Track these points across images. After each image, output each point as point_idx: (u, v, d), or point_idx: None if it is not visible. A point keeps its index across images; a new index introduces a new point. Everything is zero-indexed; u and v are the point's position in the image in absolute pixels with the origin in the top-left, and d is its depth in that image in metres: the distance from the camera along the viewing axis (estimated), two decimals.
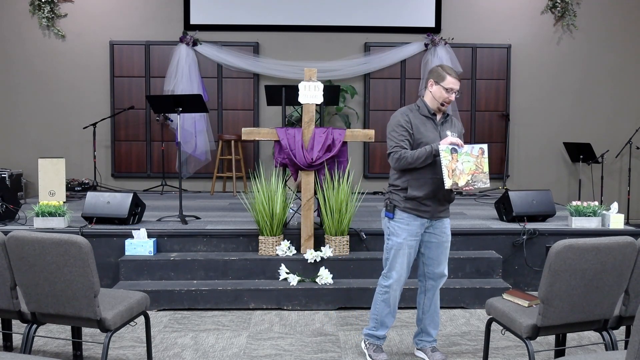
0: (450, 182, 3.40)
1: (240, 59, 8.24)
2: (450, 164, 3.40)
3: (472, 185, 3.45)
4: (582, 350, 3.88)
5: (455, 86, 3.54)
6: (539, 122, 8.53)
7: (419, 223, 3.56)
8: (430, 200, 3.53)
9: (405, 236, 3.56)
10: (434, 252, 3.65)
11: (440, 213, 3.60)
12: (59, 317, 3.15)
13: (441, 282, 3.75)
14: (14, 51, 8.26)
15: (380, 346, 3.75)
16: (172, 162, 8.22)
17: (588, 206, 5.34)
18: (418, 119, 3.56)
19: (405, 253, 3.58)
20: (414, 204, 3.54)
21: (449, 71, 3.55)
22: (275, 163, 5.07)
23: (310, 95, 4.86)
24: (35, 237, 3.00)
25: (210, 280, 4.89)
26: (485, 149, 3.50)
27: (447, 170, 3.39)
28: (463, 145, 3.43)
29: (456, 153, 3.43)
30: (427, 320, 3.77)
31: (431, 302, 3.75)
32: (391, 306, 3.67)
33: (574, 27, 8.47)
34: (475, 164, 3.46)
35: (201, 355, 3.82)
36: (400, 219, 3.58)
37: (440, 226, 3.63)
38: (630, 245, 2.98)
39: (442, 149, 3.39)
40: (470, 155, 3.45)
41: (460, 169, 3.42)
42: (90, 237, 4.89)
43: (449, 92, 3.53)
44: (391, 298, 3.65)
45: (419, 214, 3.55)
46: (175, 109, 5.80)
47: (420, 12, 8.44)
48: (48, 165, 6.40)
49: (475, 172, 3.45)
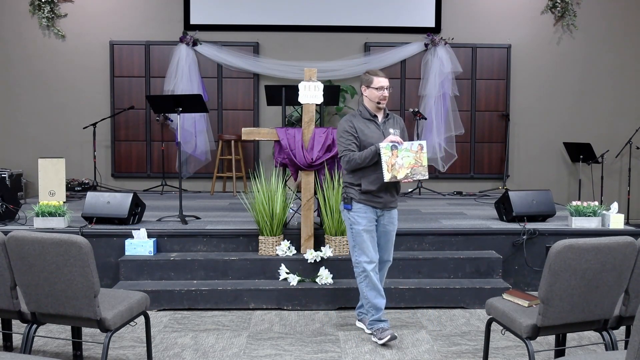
0: (389, 175, 3.83)
1: (240, 59, 8.24)
2: (390, 159, 3.82)
3: (411, 178, 3.88)
4: (582, 350, 3.88)
5: (384, 83, 3.95)
6: (539, 122, 8.53)
7: (373, 212, 4.01)
8: (383, 192, 3.97)
9: (365, 223, 3.98)
10: (382, 240, 4.10)
11: (391, 204, 4.05)
12: (59, 317, 3.15)
13: (386, 267, 4.23)
14: (14, 51, 8.26)
15: (383, 327, 3.99)
16: (172, 162, 8.22)
17: (588, 206, 5.34)
18: (361, 123, 3.99)
19: (369, 237, 4.00)
20: (368, 196, 3.97)
21: (375, 72, 3.99)
22: (275, 163, 5.07)
23: (310, 95, 4.86)
24: (35, 237, 3.00)
25: (210, 280, 4.89)
26: (424, 145, 3.90)
27: (386, 165, 3.82)
28: (402, 142, 3.86)
29: (396, 149, 3.84)
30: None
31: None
32: (376, 288, 4.01)
33: (574, 27, 8.47)
34: (414, 158, 3.87)
35: (201, 355, 3.82)
36: (358, 209, 3.99)
37: (389, 216, 4.07)
38: (630, 245, 2.98)
39: (382, 147, 3.82)
40: (410, 150, 3.87)
41: (400, 164, 3.84)
42: (90, 237, 4.89)
43: (380, 90, 3.95)
44: (372, 280, 4.00)
45: (374, 205, 3.99)
46: (175, 109, 5.80)
47: (420, 12, 8.44)
48: (48, 165, 6.39)
49: (415, 166, 3.88)
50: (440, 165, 8.19)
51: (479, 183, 8.46)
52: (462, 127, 8.26)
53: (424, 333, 4.23)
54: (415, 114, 7.84)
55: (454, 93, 8.25)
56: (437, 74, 8.16)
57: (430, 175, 8.27)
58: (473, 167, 8.46)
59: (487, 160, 8.46)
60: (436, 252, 5.18)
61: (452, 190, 8.30)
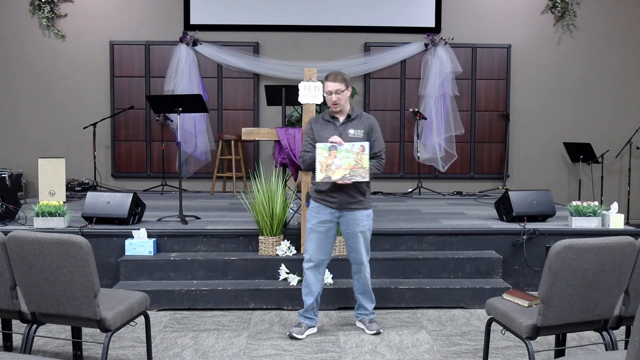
0: (322, 175, 3.83)
1: (240, 59, 8.24)
2: (326, 159, 3.81)
3: (349, 179, 3.83)
4: (582, 350, 3.88)
5: (331, 88, 3.97)
6: (539, 122, 8.53)
7: (328, 212, 4.01)
8: (337, 192, 3.95)
9: (314, 222, 4.03)
10: (350, 242, 4.09)
11: (351, 204, 3.99)
12: (59, 317, 3.15)
13: (363, 269, 4.13)
14: (14, 51, 8.26)
15: (301, 322, 4.13)
16: (172, 162, 8.22)
17: (588, 206, 5.34)
18: (319, 125, 4.07)
19: (315, 237, 4.03)
20: (322, 195, 4.01)
21: (327, 77, 4.01)
22: (275, 163, 5.07)
23: (310, 95, 4.86)
24: (35, 237, 3.00)
25: (210, 280, 4.89)
26: (366, 147, 3.86)
27: (320, 165, 3.82)
28: (342, 143, 3.84)
29: (335, 150, 3.82)
30: (361, 297, 4.23)
31: (359, 283, 4.19)
32: (308, 286, 4.10)
33: (574, 27, 8.47)
34: (355, 160, 3.83)
35: (201, 355, 3.82)
36: (312, 207, 4.08)
37: (351, 218, 4.02)
38: (630, 245, 2.98)
39: (318, 147, 3.84)
40: (351, 152, 3.83)
41: (338, 164, 3.82)
42: (90, 237, 4.89)
43: (328, 94, 3.98)
44: (307, 277, 4.10)
45: (327, 204, 4.00)
46: (175, 109, 5.80)
47: (420, 12, 8.44)
48: (48, 165, 6.39)
49: (355, 167, 3.83)
50: (440, 165, 8.18)
51: (479, 183, 8.46)
52: (462, 127, 8.26)
53: (424, 333, 4.23)
54: (415, 114, 7.85)
55: (454, 93, 8.24)
56: (437, 74, 8.15)
57: (431, 175, 8.38)
58: (473, 167, 8.46)
59: (487, 160, 8.46)
60: (436, 252, 5.18)
61: (452, 190, 8.30)
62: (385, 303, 4.72)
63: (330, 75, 4.01)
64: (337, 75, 3.99)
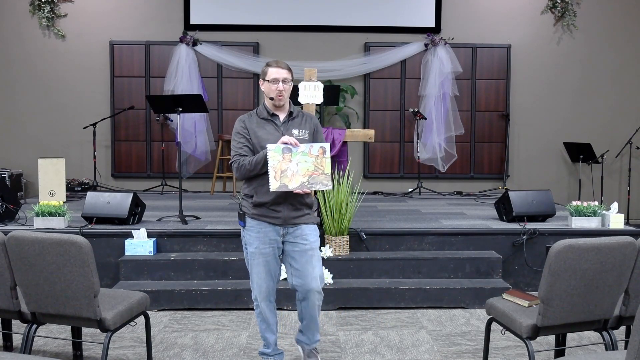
0: (277, 183, 3.19)
1: (240, 59, 8.24)
2: (280, 164, 3.18)
3: (308, 188, 3.23)
4: (582, 350, 3.88)
5: (278, 75, 3.31)
6: (539, 122, 8.53)
7: (272, 229, 3.35)
8: (280, 206, 3.32)
9: (257, 244, 3.35)
10: (297, 262, 3.38)
11: (296, 219, 3.36)
12: (59, 317, 3.15)
13: (314, 298, 3.42)
14: (14, 51, 8.26)
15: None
16: (172, 162, 8.22)
17: (588, 206, 5.34)
18: (255, 123, 3.38)
19: (261, 262, 3.36)
20: (262, 210, 3.33)
21: (271, 63, 3.35)
22: None
23: (310, 95, 4.86)
24: (35, 237, 3.00)
25: (210, 280, 4.89)
26: (326, 148, 3.26)
27: (273, 172, 3.17)
28: (298, 144, 3.21)
29: (290, 153, 3.20)
30: (304, 326, 3.55)
31: (306, 313, 3.48)
32: (266, 321, 3.45)
33: (574, 27, 8.47)
34: (314, 164, 3.23)
35: (201, 355, 3.82)
36: (251, 227, 3.37)
37: (299, 233, 3.37)
38: (630, 245, 2.98)
39: (270, 149, 3.18)
40: (309, 155, 3.22)
41: (294, 170, 3.20)
42: (90, 237, 4.89)
43: (274, 82, 3.31)
44: (262, 312, 3.43)
45: (270, 221, 3.33)
46: (175, 109, 5.80)
47: (420, 12, 8.44)
48: (48, 165, 6.39)
49: (314, 174, 3.23)
50: (440, 165, 8.18)
51: (479, 183, 8.46)
52: (462, 127, 8.26)
53: (424, 333, 4.23)
54: (415, 114, 7.85)
55: (454, 93, 8.24)
56: (437, 74, 8.16)
57: (431, 175, 8.39)
58: (473, 167, 8.46)
59: (487, 160, 8.46)
60: (436, 252, 5.18)
61: (452, 190, 8.30)
62: (385, 303, 4.72)
63: (276, 61, 3.36)
64: (283, 63, 3.36)
